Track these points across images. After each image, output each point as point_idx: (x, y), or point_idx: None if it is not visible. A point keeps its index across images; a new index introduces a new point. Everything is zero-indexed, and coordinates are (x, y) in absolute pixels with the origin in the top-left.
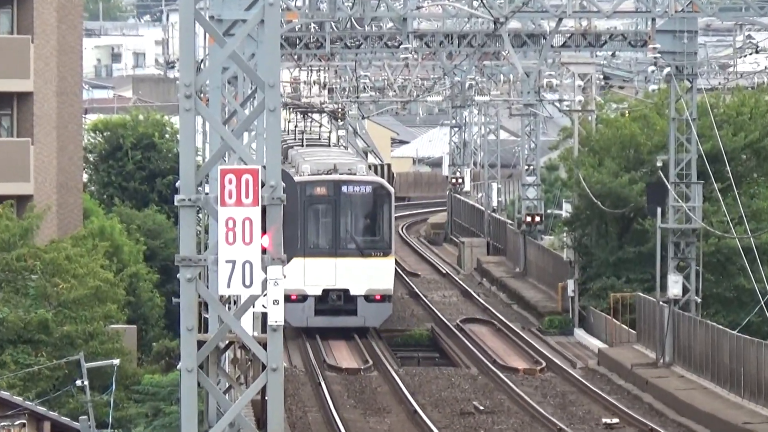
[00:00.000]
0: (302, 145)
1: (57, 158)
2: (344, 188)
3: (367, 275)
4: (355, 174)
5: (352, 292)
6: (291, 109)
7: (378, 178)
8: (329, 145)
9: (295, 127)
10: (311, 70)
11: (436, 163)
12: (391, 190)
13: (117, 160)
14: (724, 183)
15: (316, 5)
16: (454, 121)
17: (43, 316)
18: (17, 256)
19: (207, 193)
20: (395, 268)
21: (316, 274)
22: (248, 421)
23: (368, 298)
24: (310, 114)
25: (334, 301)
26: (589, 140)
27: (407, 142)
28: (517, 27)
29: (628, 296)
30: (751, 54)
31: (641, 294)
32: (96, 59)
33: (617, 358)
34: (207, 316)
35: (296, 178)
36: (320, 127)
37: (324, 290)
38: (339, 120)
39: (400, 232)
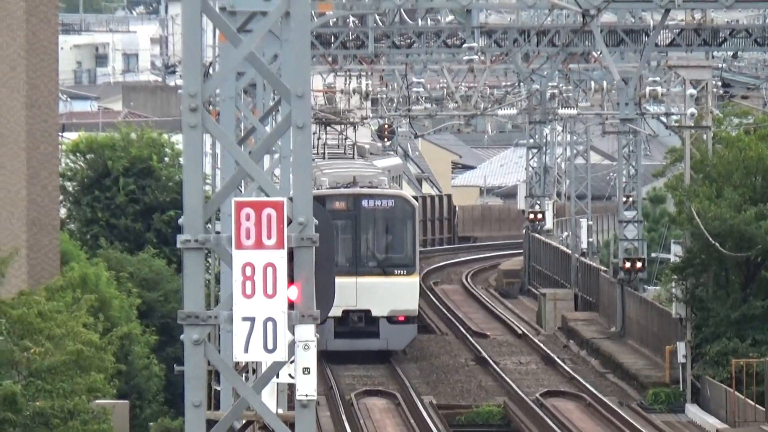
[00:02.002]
0: (323, 158)
1: (27, 188)
2: (365, 202)
3: (390, 295)
4: (376, 187)
5: (374, 313)
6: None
7: (401, 191)
8: (353, 158)
9: (318, 139)
10: (350, 76)
11: (510, 194)
12: (415, 204)
13: (104, 191)
14: None
15: None
16: (531, 141)
17: (9, 388)
18: None
19: (218, 233)
20: (420, 286)
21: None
22: None
23: (391, 319)
24: (333, 125)
25: (355, 323)
26: (705, 164)
27: (472, 168)
28: (612, 21)
29: (755, 363)
30: None
31: None
32: (76, 62)
33: None
34: (218, 388)
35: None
36: (346, 139)
37: (344, 311)
38: (385, 139)
39: (464, 281)
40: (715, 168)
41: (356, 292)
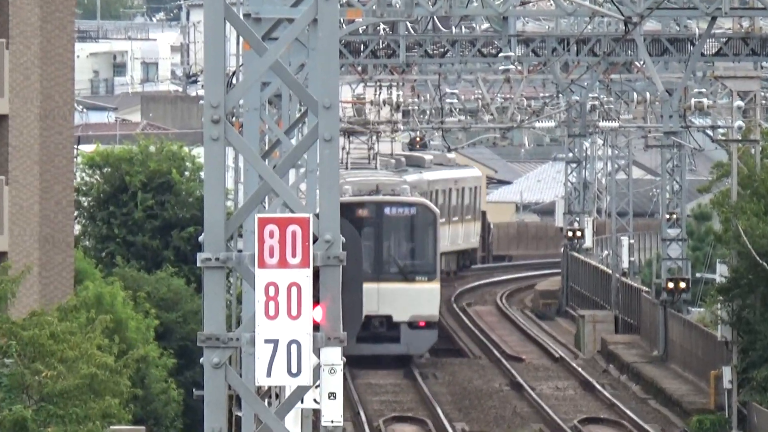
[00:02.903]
0: (346, 167)
1: (40, 203)
2: (387, 210)
3: (411, 301)
4: (398, 195)
5: (395, 319)
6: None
7: (422, 200)
8: (376, 168)
9: (343, 149)
10: (380, 87)
11: (547, 211)
12: (436, 211)
13: (120, 206)
14: None
15: (386, 0)
16: (570, 155)
17: (19, 413)
18: None
19: (240, 251)
20: (440, 294)
21: None
22: None
23: (412, 324)
24: (357, 135)
25: (377, 328)
26: (753, 180)
27: (508, 183)
28: (656, 29)
29: None
30: None
31: None
32: (92, 71)
33: None
34: (240, 414)
35: None
36: (369, 149)
37: (366, 316)
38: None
39: (499, 302)
40: (763, 184)
41: (378, 297)
